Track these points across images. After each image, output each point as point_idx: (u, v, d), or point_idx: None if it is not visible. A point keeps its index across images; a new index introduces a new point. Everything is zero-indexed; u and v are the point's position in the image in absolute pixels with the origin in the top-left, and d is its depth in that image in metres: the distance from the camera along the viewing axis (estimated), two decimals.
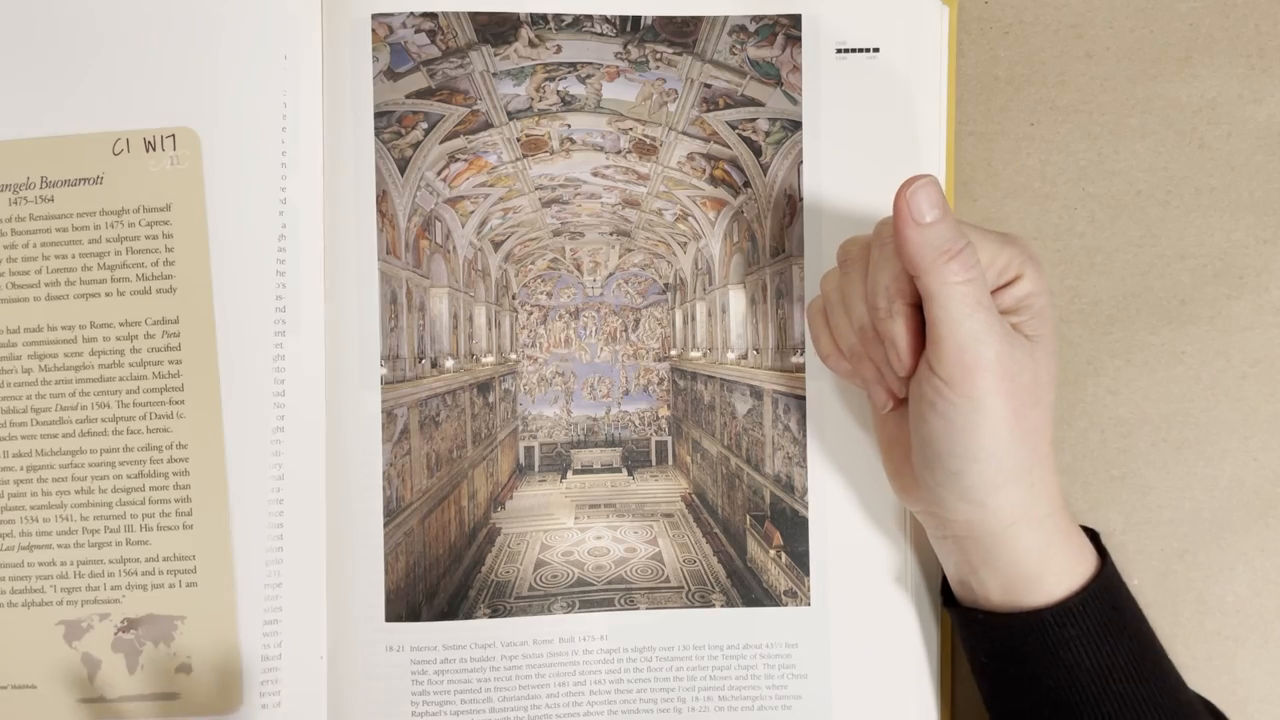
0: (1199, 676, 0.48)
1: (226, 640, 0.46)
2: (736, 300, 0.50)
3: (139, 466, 0.46)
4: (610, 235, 0.50)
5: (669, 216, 0.50)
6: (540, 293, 0.51)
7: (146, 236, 0.47)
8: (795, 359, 0.48)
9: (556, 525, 0.49)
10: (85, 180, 0.47)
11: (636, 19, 0.48)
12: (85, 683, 0.47)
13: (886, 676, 0.48)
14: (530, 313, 0.51)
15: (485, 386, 0.50)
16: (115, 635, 0.47)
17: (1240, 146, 0.49)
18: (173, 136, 0.47)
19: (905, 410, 0.41)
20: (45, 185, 0.47)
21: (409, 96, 0.47)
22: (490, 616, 0.47)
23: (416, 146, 0.48)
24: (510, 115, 0.48)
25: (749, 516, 0.49)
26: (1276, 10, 0.49)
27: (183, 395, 0.46)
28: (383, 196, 0.47)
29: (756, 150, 0.48)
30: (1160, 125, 0.49)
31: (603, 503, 0.49)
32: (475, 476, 0.49)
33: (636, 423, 0.50)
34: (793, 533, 0.48)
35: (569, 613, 0.47)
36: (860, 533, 0.48)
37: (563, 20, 0.48)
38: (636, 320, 0.51)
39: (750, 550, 0.48)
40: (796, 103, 0.48)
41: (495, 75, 0.48)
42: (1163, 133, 0.49)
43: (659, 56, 0.48)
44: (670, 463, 0.50)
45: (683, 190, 0.49)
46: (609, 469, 0.50)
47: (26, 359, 0.47)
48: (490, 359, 0.50)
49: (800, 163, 0.48)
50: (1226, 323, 0.49)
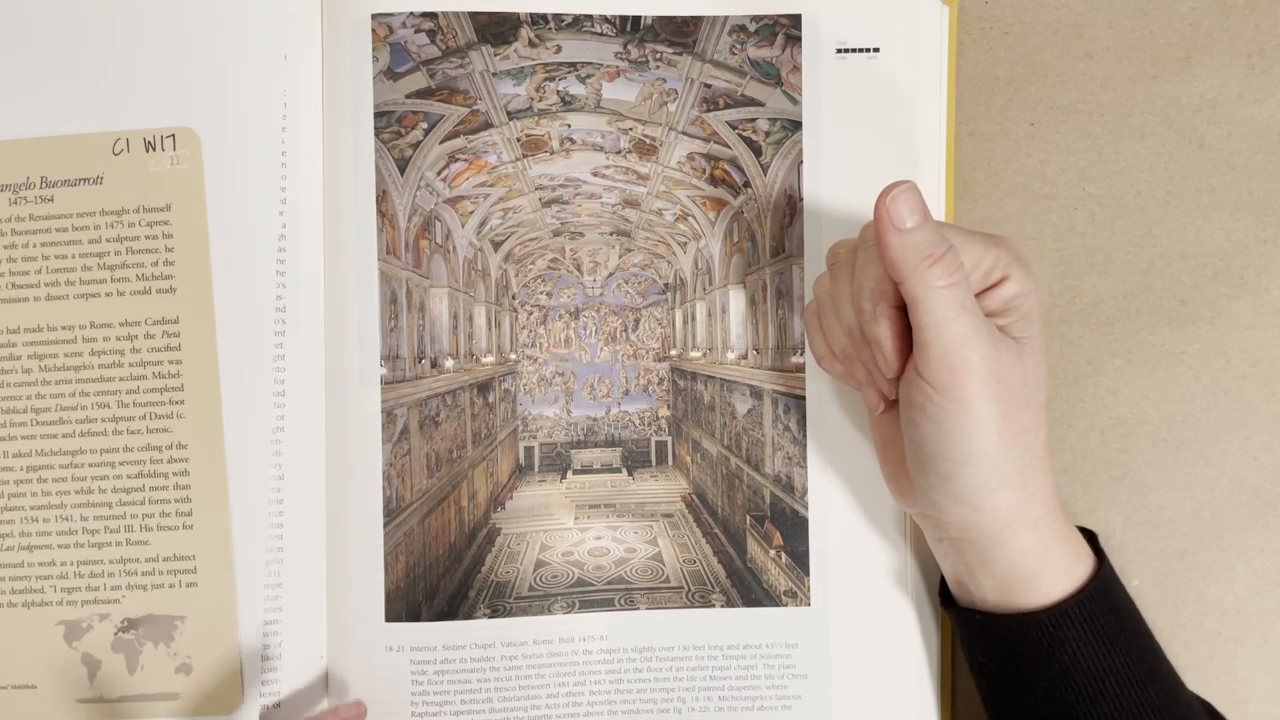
0: (1199, 676, 0.48)
1: (226, 640, 0.46)
2: (736, 300, 0.50)
3: (139, 466, 0.46)
4: (610, 235, 0.50)
5: (669, 216, 0.50)
6: (540, 293, 0.51)
7: (146, 236, 0.47)
8: (795, 359, 0.48)
9: (556, 525, 0.49)
10: (85, 180, 0.47)
11: (636, 19, 0.48)
12: (85, 683, 0.47)
13: (886, 676, 0.48)
14: (530, 313, 0.50)
15: (485, 386, 0.50)
16: (115, 635, 0.47)
17: (1240, 146, 0.49)
18: (173, 136, 0.47)
19: (899, 413, 0.41)
20: (45, 185, 0.47)
21: (409, 96, 0.47)
22: (490, 617, 0.47)
23: (416, 146, 0.48)
24: (510, 115, 0.48)
25: (749, 516, 0.49)
26: (1276, 10, 0.49)
27: (183, 395, 0.46)
28: (383, 196, 0.47)
29: (756, 150, 0.48)
30: (1160, 125, 0.49)
31: (603, 503, 0.49)
32: (475, 476, 0.49)
33: (636, 423, 0.50)
34: (793, 533, 0.48)
35: (569, 613, 0.47)
36: (860, 533, 0.48)
37: (563, 20, 0.48)
38: (636, 320, 0.51)
39: (750, 550, 0.48)
40: (796, 103, 0.48)
41: (495, 75, 0.48)
42: (1163, 133, 0.49)
43: (659, 56, 0.48)
44: (670, 463, 0.50)
45: (683, 190, 0.49)
46: (609, 469, 0.50)
47: (26, 359, 0.47)
48: (490, 359, 0.50)
49: (800, 163, 0.48)
50: (1226, 323, 0.49)
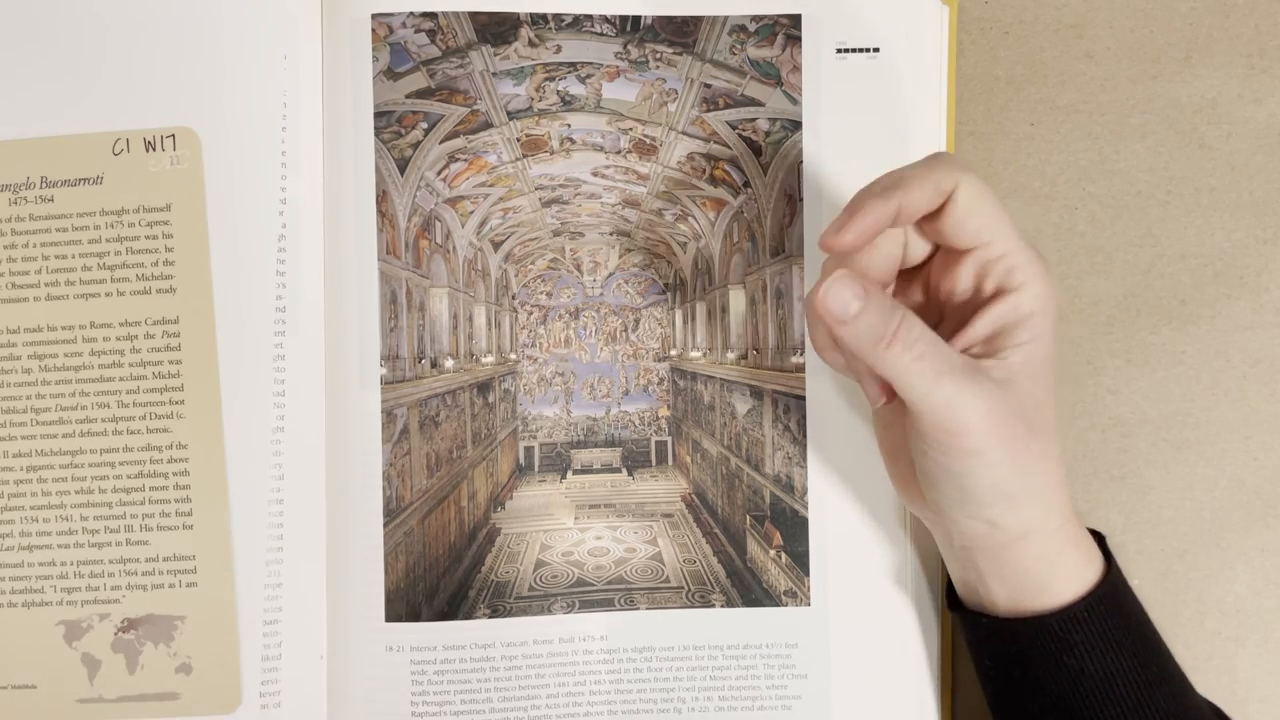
0: (1199, 676, 0.48)
1: (226, 640, 0.46)
2: (736, 300, 0.50)
3: (139, 466, 0.46)
4: (610, 235, 0.50)
5: (669, 216, 0.50)
6: (540, 293, 0.51)
7: (146, 236, 0.47)
8: (795, 359, 0.48)
9: (556, 525, 0.49)
10: (85, 180, 0.47)
11: (636, 19, 0.48)
12: (85, 683, 0.47)
13: (886, 676, 0.48)
14: (530, 313, 0.50)
15: (485, 386, 0.50)
16: (115, 635, 0.46)
17: (1240, 146, 0.49)
18: (173, 136, 0.47)
19: (906, 416, 0.40)
20: (45, 185, 0.47)
21: (409, 96, 0.47)
22: (490, 617, 0.47)
23: (416, 146, 0.48)
24: (510, 115, 0.48)
25: (749, 516, 0.49)
26: (1276, 10, 0.49)
27: (183, 395, 0.46)
28: (383, 196, 0.47)
29: (756, 150, 0.48)
30: (1160, 125, 0.49)
31: (603, 503, 0.49)
32: (475, 476, 0.49)
33: (636, 423, 0.50)
34: (793, 533, 0.48)
35: (569, 613, 0.47)
36: (860, 533, 0.48)
37: (563, 20, 0.48)
38: (636, 320, 0.51)
39: (750, 550, 0.48)
40: (796, 103, 0.48)
41: (495, 75, 0.48)
42: (1163, 133, 0.49)
43: (659, 56, 0.48)
44: (670, 463, 0.50)
45: (683, 190, 0.49)
46: (609, 469, 0.50)
47: (26, 359, 0.47)
48: (490, 359, 0.50)
49: (800, 163, 0.48)
50: (1226, 323, 0.49)
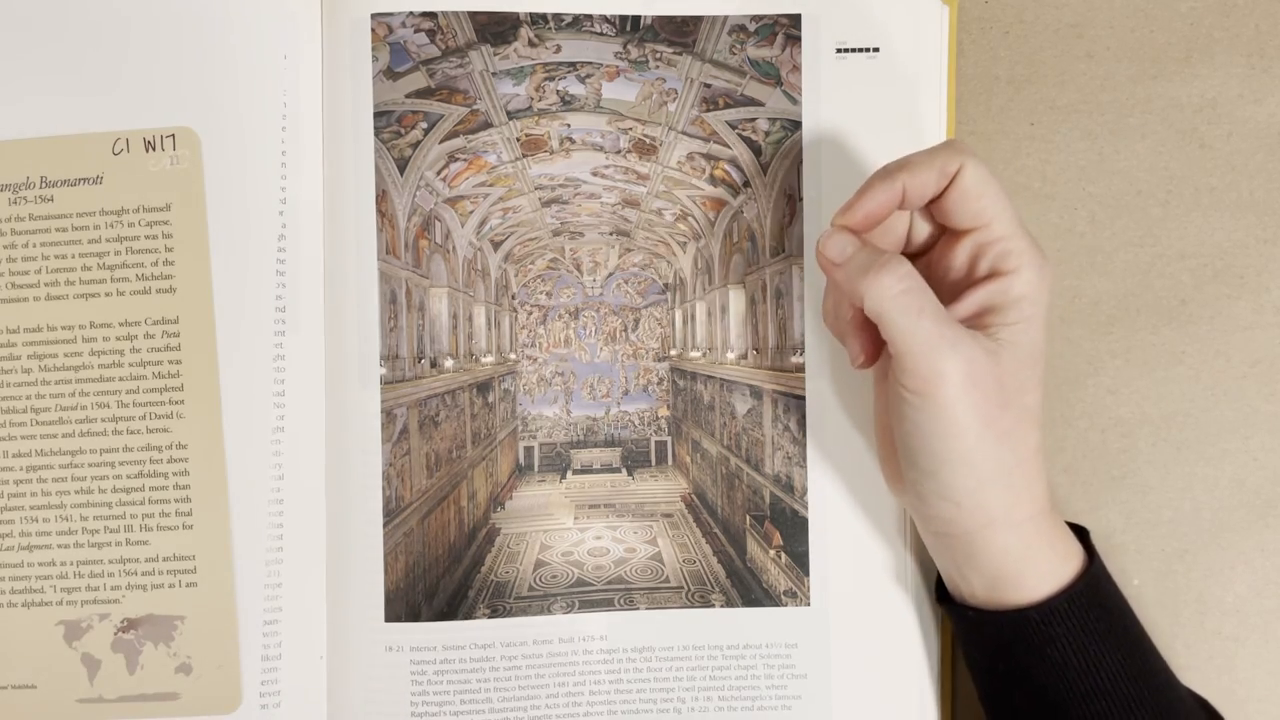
0: (1199, 676, 0.48)
1: (226, 640, 0.46)
2: (736, 300, 0.50)
3: (139, 466, 0.46)
4: (610, 235, 0.50)
5: (669, 216, 0.50)
6: (540, 293, 0.51)
7: (146, 236, 0.47)
8: (795, 359, 0.48)
9: (556, 525, 0.49)
10: (85, 180, 0.47)
11: (636, 18, 0.48)
12: (85, 683, 0.47)
13: (886, 676, 0.48)
14: (530, 313, 0.50)
15: (485, 386, 0.50)
16: (115, 635, 0.47)
17: (1240, 146, 0.49)
18: (173, 136, 0.47)
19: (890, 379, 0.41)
20: (45, 185, 0.47)
21: (408, 96, 0.47)
22: (490, 617, 0.47)
23: (416, 146, 0.48)
24: (510, 115, 0.48)
25: (749, 516, 0.49)
26: (1276, 10, 0.49)
27: (183, 395, 0.46)
28: (382, 196, 0.47)
29: (756, 150, 0.48)
30: (1160, 125, 0.49)
31: (602, 503, 0.49)
32: (475, 476, 0.49)
33: (636, 423, 0.50)
34: (792, 533, 0.48)
35: (569, 613, 0.47)
36: (860, 533, 0.48)
37: (562, 20, 0.48)
38: (636, 320, 0.51)
39: (750, 550, 0.48)
40: (796, 102, 0.48)
41: (495, 75, 0.48)
42: (1163, 133, 0.49)
43: (659, 56, 0.48)
44: (670, 463, 0.50)
45: (682, 190, 0.49)
46: (609, 469, 0.50)
47: (26, 359, 0.47)
48: (490, 359, 0.50)
49: (800, 163, 0.48)
50: (1226, 323, 0.49)
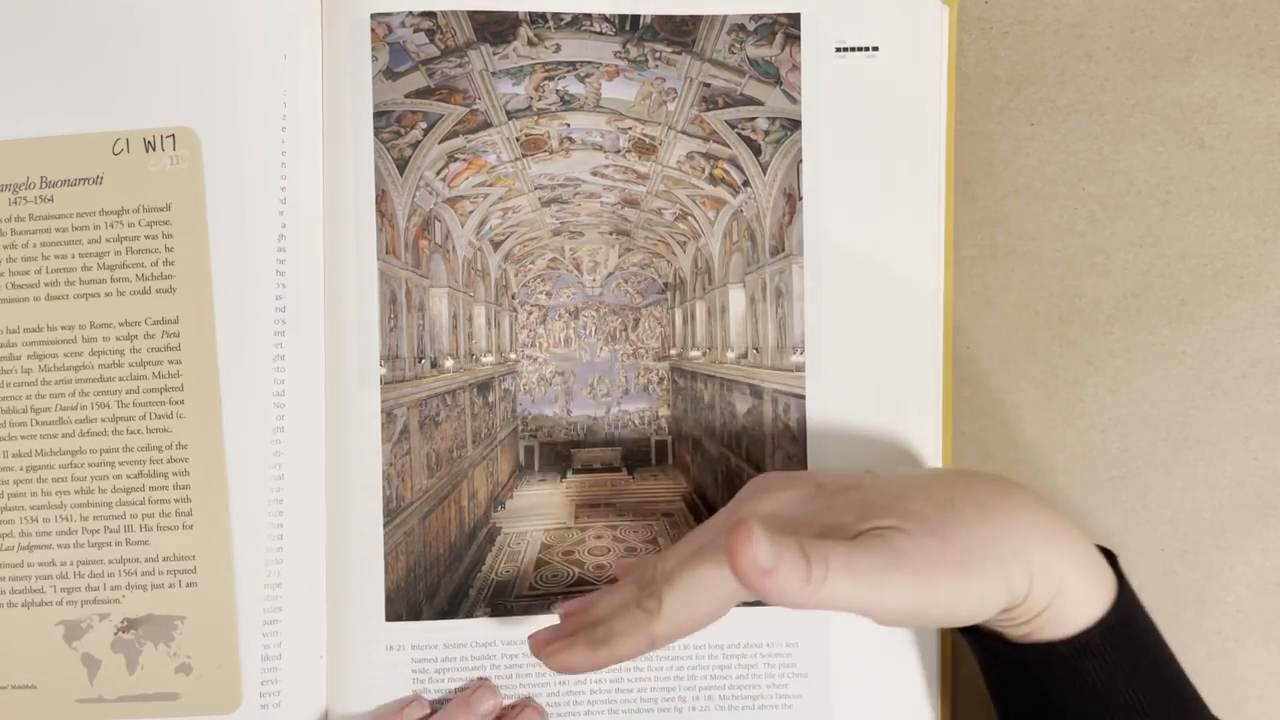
0: (1199, 676, 0.48)
1: (226, 640, 0.46)
2: (736, 299, 0.50)
3: (139, 466, 0.46)
4: (610, 235, 0.50)
5: (668, 216, 0.50)
6: (540, 292, 0.51)
7: (146, 236, 0.47)
8: (795, 358, 0.48)
9: (556, 525, 0.49)
10: (85, 180, 0.47)
11: (635, 18, 0.48)
12: (85, 683, 0.47)
13: (886, 676, 0.48)
14: (530, 312, 0.50)
15: (485, 386, 0.50)
16: (115, 635, 0.47)
17: (1240, 146, 0.49)
18: (173, 136, 0.47)
19: None
20: (45, 185, 0.47)
21: (408, 96, 0.47)
22: (490, 616, 0.47)
23: (416, 146, 0.48)
24: (509, 114, 0.48)
25: None
26: (1276, 10, 0.49)
27: (183, 395, 0.46)
28: (382, 196, 0.47)
29: (756, 149, 0.48)
30: (1160, 125, 0.49)
31: (603, 502, 0.49)
32: (475, 476, 0.49)
33: (636, 422, 0.50)
34: None
35: None
36: None
37: (562, 19, 0.48)
38: (636, 320, 0.51)
39: None
40: (796, 102, 0.48)
41: (494, 74, 0.48)
42: (1163, 133, 0.49)
43: (658, 55, 0.48)
44: (670, 462, 0.50)
45: (682, 190, 0.49)
46: (609, 468, 0.50)
47: (26, 359, 0.47)
48: (490, 359, 0.50)
49: (800, 162, 0.48)
50: (1226, 323, 0.49)
